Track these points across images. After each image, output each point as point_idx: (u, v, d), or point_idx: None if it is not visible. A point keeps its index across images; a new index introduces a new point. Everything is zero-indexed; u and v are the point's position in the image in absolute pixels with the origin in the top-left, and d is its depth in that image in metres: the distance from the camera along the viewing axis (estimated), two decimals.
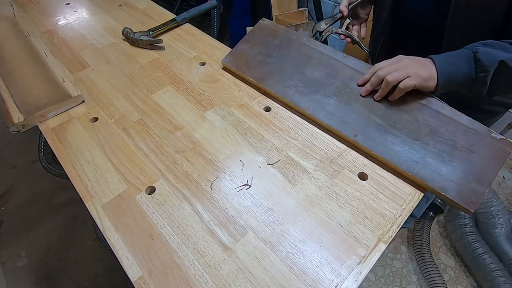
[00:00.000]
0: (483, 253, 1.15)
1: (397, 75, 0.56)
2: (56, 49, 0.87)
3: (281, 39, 0.76)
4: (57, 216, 1.37)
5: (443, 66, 0.56)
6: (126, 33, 0.88)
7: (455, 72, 0.55)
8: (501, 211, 1.19)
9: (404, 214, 0.52)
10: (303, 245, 0.48)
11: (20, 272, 1.20)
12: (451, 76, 0.55)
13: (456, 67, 0.55)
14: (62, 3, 1.07)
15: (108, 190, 0.55)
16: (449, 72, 0.55)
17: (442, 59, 0.56)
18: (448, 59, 0.56)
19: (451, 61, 0.56)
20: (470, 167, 0.53)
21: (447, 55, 0.57)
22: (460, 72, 0.55)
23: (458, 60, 0.55)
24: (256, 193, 0.55)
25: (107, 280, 1.19)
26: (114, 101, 0.72)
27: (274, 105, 0.70)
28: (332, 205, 0.53)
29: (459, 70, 0.55)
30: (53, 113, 0.68)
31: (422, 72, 0.55)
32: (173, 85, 0.76)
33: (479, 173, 0.52)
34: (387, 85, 0.58)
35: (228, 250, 0.48)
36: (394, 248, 1.30)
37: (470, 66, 0.54)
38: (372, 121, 0.61)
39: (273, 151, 0.61)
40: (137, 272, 0.45)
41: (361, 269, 0.46)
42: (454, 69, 0.55)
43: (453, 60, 0.56)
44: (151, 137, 0.64)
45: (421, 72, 0.55)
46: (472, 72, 0.54)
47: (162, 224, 0.51)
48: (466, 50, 0.56)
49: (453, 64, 0.55)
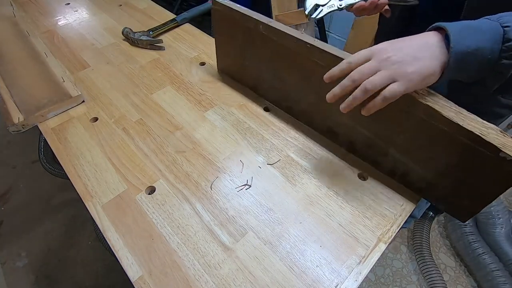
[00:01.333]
0: (483, 253, 1.15)
1: (379, 80, 0.39)
2: (56, 49, 0.87)
3: (242, 31, 0.63)
4: (57, 216, 1.37)
5: (458, 40, 0.37)
6: (126, 33, 0.88)
7: (473, 51, 0.37)
8: (501, 211, 1.19)
9: (404, 214, 0.52)
10: (303, 245, 0.48)
11: (20, 272, 1.20)
12: (466, 57, 0.37)
13: (476, 43, 0.37)
14: (62, 3, 1.07)
15: (108, 190, 0.55)
16: (465, 51, 0.37)
17: (457, 29, 0.37)
18: (463, 31, 0.38)
19: (469, 35, 0.37)
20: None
21: (462, 25, 0.38)
22: (479, 52, 0.37)
23: (479, 34, 0.38)
24: (256, 193, 0.55)
25: (107, 280, 1.19)
26: (114, 101, 0.72)
27: (273, 106, 0.70)
28: (332, 205, 0.53)
29: (480, 49, 0.37)
30: (53, 113, 0.68)
31: (417, 67, 0.38)
32: (173, 85, 0.76)
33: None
34: (364, 94, 0.40)
35: (228, 250, 0.48)
36: (394, 248, 1.30)
37: (493, 47, 0.37)
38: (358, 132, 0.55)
39: (273, 151, 0.61)
40: (137, 272, 0.45)
41: (361, 269, 0.46)
42: (473, 45, 0.37)
43: (472, 33, 0.38)
44: (151, 137, 0.64)
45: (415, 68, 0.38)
46: (494, 56, 0.38)
47: (162, 224, 0.51)
48: (491, 22, 0.38)
49: (472, 39, 0.37)
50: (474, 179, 0.44)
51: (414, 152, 0.49)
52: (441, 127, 0.42)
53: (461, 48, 0.37)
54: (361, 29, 1.69)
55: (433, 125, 0.43)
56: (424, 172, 0.50)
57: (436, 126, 0.43)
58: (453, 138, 0.42)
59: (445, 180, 0.47)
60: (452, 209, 0.51)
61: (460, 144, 0.41)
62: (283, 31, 0.55)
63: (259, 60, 0.65)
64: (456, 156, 0.43)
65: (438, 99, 0.42)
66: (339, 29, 1.93)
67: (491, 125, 0.40)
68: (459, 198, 0.48)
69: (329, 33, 1.98)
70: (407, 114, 0.45)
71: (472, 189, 0.45)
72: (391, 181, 0.56)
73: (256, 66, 0.67)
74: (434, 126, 0.43)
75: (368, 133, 0.54)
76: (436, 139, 0.44)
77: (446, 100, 0.42)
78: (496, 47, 0.37)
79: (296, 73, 0.59)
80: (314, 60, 0.53)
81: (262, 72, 0.66)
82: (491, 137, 0.38)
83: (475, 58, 0.38)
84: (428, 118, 0.43)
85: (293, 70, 0.59)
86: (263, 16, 0.59)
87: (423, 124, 0.44)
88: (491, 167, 0.40)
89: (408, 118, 0.45)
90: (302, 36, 0.53)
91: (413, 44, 0.40)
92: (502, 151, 0.37)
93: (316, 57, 0.52)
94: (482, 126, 0.39)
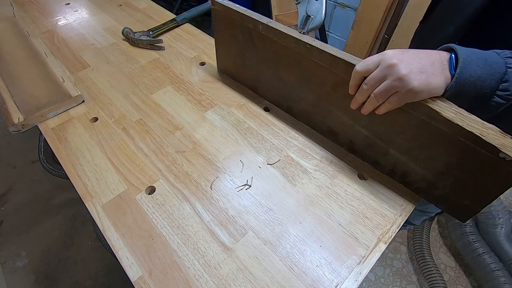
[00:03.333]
0: (483, 253, 1.15)
1: (383, 91, 0.41)
2: (56, 49, 0.87)
3: (242, 31, 0.64)
4: (57, 216, 1.37)
5: (466, 65, 0.38)
6: (126, 33, 0.88)
7: (474, 81, 0.38)
8: (501, 211, 1.19)
9: (404, 214, 0.52)
10: (303, 245, 0.48)
11: (20, 272, 1.20)
12: (467, 87, 0.38)
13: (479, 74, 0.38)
14: (62, 3, 1.07)
15: (108, 190, 0.55)
16: (469, 81, 0.38)
17: (469, 58, 0.38)
18: (475, 61, 0.38)
19: (476, 63, 0.38)
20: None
21: (471, 52, 0.39)
22: (478, 84, 0.38)
23: (484, 66, 0.38)
24: (256, 193, 0.55)
25: (107, 280, 1.19)
26: (114, 101, 0.72)
27: (273, 105, 0.70)
28: (332, 205, 0.53)
29: (480, 80, 0.38)
30: (53, 113, 0.68)
31: (422, 81, 0.38)
32: (173, 85, 0.76)
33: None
34: (374, 102, 0.44)
35: (228, 250, 0.48)
36: (394, 248, 1.30)
37: (492, 84, 0.38)
38: (358, 132, 0.56)
39: (273, 151, 0.61)
40: (137, 272, 0.45)
41: (361, 269, 0.46)
42: (475, 75, 0.38)
43: (479, 62, 0.38)
44: (151, 137, 0.64)
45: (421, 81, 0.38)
46: (490, 92, 0.38)
47: (162, 224, 0.51)
48: (498, 57, 0.38)
49: (477, 68, 0.38)
50: (474, 179, 0.43)
51: (414, 152, 0.49)
52: (441, 127, 0.42)
53: (465, 76, 0.38)
54: (361, 29, 1.69)
55: (433, 125, 0.43)
56: (424, 172, 0.49)
57: (436, 126, 0.43)
58: (453, 139, 0.42)
59: (445, 180, 0.47)
60: (452, 209, 0.50)
61: (460, 144, 0.41)
62: (283, 31, 0.55)
63: (259, 60, 0.65)
64: (456, 156, 0.43)
65: (438, 100, 0.42)
66: (339, 29, 1.93)
67: (491, 125, 0.40)
68: (459, 198, 0.48)
69: (329, 33, 1.98)
70: (408, 114, 0.45)
71: (472, 189, 0.45)
72: (391, 181, 0.56)
73: (256, 66, 0.67)
74: (434, 127, 0.43)
75: (368, 133, 0.54)
76: (436, 139, 0.44)
77: (446, 101, 0.42)
78: (494, 84, 0.38)
79: (296, 73, 0.59)
80: (314, 60, 0.53)
81: (262, 72, 0.66)
82: (491, 137, 0.38)
83: (474, 88, 0.38)
84: (428, 119, 0.43)
85: (293, 70, 0.59)
86: (263, 16, 0.59)
87: (423, 125, 0.44)
88: (491, 168, 0.40)
89: (408, 119, 0.45)
90: (301, 36, 0.53)
91: (423, 56, 0.40)
92: (502, 151, 0.37)
93: (316, 57, 0.52)
94: (482, 127, 0.39)
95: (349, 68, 0.47)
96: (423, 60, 0.39)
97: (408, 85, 0.39)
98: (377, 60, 0.42)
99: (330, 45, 0.51)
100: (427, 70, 0.39)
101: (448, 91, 0.39)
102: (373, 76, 0.42)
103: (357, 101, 0.47)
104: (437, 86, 0.39)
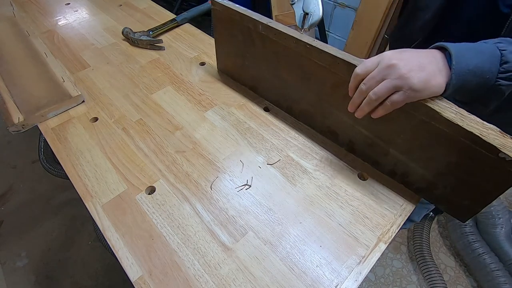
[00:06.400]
0: (483, 253, 1.15)
1: (383, 90, 0.40)
2: (56, 49, 0.87)
3: (242, 31, 0.63)
4: (57, 216, 1.37)
5: (459, 58, 0.38)
6: (126, 33, 0.88)
7: (473, 69, 0.38)
8: (501, 211, 1.19)
9: (404, 214, 0.52)
10: (303, 245, 0.48)
11: (20, 272, 1.20)
12: (466, 76, 0.39)
13: (475, 63, 0.39)
14: (62, 3, 1.07)
15: (108, 190, 0.55)
16: (466, 69, 0.38)
17: (457, 49, 0.39)
18: (463, 51, 0.39)
19: (468, 54, 0.39)
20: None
21: (461, 46, 0.40)
22: (478, 71, 0.39)
23: (478, 55, 0.39)
24: (256, 193, 0.55)
25: (107, 280, 1.19)
26: (114, 101, 0.72)
27: (273, 105, 0.70)
28: (332, 205, 0.53)
29: (478, 68, 0.39)
30: (53, 113, 0.68)
31: (422, 78, 0.39)
32: (173, 85, 0.76)
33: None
34: (369, 104, 0.43)
35: (228, 250, 0.48)
36: (394, 248, 1.30)
37: (491, 67, 0.39)
38: (358, 132, 0.55)
39: (273, 151, 0.61)
40: (137, 272, 0.45)
41: (361, 269, 0.46)
42: (472, 64, 0.38)
43: (471, 53, 0.39)
44: (151, 137, 0.64)
45: (421, 78, 0.38)
46: (492, 76, 0.39)
47: (162, 224, 0.51)
48: (488, 45, 0.40)
49: (472, 58, 0.39)
50: (474, 179, 0.43)
51: (414, 152, 0.49)
52: (441, 127, 0.42)
53: (462, 66, 0.38)
54: (361, 29, 1.69)
55: (433, 125, 0.43)
56: (424, 172, 0.49)
57: (436, 126, 0.43)
58: (453, 139, 0.42)
59: (445, 180, 0.47)
60: (452, 209, 0.50)
61: (460, 144, 0.41)
62: (283, 31, 0.55)
63: (259, 60, 0.65)
64: (456, 156, 0.43)
65: (438, 100, 0.42)
66: (339, 29, 1.93)
67: (491, 125, 0.40)
68: (459, 198, 0.48)
69: (329, 33, 1.98)
70: (408, 114, 0.45)
71: (472, 189, 0.45)
72: (391, 181, 0.56)
73: (256, 66, 0.67)
74: (434, 127, 0.43)
75: (368, 133, 0.54)
76: (436, 139, 0.44)
77: (446, 101, 0.42)
78: (494, 68, 0.39)
79: (296, 73, 0.59)
80: (314, 60, 0.53)
81: (262, 72, 0.66)
82: (491, 137, 0.38)
83: (475, 76, 0.39)
84: (428, 119, 0.43)
85: (293, 70, 0.59)
86: (262, 16, 0.59)
87: (423, 125, 0.44)
88: (491, 168, 0.40)
89: (408, 119, 0.45)
90: (301, 36, 0.53)
91: (421, 55, 0.40)
92: (502, 151, 0.37)
93: (316, 57, 0.52)
94: (482, 127, 0.39)
95: (349, 68, 0.47)
96: (421, 59, 0.39)
97: (409, 83, 0.38)
98: (376, 61, 0.42)
99: (330, 45, 0.51)
100: (426, 67, 0.39)
101: (450, 85, 0.39)
102: (372, 75, 0.41)
103: (355, 102, 0.45)
104: (437, 83, 0.39)
